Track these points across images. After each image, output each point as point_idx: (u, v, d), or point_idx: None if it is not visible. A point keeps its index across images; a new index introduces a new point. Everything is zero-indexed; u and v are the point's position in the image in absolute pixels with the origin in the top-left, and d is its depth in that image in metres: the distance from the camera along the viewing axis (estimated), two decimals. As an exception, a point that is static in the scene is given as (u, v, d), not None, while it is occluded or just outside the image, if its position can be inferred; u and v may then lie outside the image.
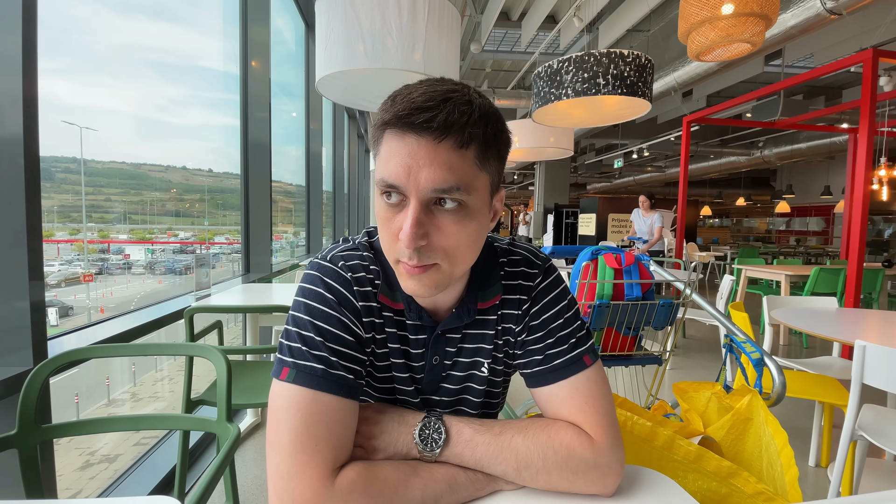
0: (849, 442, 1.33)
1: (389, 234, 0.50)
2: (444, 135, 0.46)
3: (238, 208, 3.11)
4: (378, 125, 0.50)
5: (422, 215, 0.48)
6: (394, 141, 0.48)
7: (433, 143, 0.47)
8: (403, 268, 0.51)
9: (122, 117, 2.76)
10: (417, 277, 0.50)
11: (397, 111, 0.47)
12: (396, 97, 0.49)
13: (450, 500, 0.51)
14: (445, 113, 0.46)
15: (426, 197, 0.48)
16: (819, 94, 8.42)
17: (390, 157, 0.48)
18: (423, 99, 0.47)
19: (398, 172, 0.47)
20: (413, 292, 0.52)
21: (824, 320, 1.84)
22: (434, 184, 0.47)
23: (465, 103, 0.48)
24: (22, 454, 0.84)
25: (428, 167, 0.46)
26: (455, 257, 0.51)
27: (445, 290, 0.56)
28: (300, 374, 0.50)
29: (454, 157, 0.47)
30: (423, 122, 0.46)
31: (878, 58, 3.13)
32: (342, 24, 1.52)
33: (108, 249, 5.25)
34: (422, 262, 0.49)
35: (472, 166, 0.49)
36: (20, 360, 1.02)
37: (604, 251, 1.34)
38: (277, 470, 0.47)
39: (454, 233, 0.49)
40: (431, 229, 0.49)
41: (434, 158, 0.46)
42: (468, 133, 0.47)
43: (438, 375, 0.62)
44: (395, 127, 0.48)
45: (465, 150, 0.48)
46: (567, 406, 0.56)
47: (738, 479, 0.69)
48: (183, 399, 1.42)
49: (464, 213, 0.49)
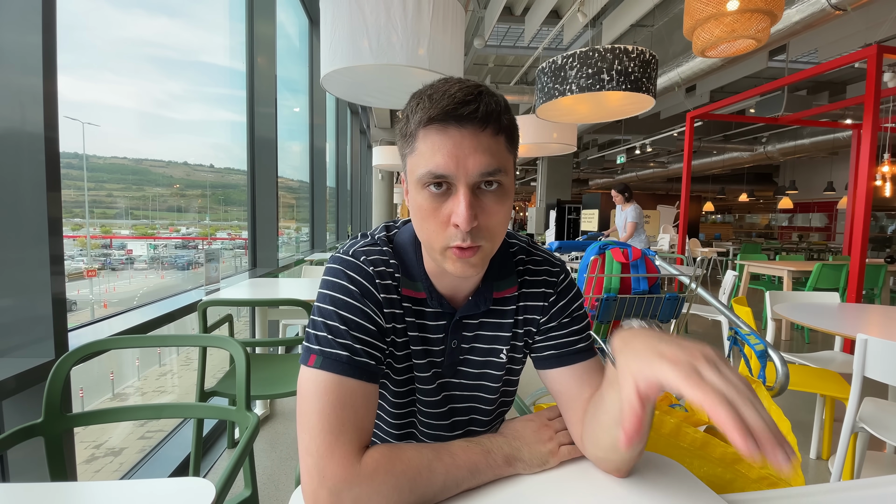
0: (850, 433, 1.36)
1: (437, 223, 0.54)
2: (485, 124, 0.52)
3: (240, 204, 3.13)
4: (419, 123, 0.53)
5: (472, 198, 0.52)
6: (434, 136, 0.52)
7: (476, 132, 0.51)
8: (454, 252, 0.54)
9: (124, 113, 2.77)
10: (467, 259, 0.54)
11: (443, 107, 0.50)
12: (431, 96, 0.52)
13: (470, 484, 0.54)
14: (484, 104, 0.51)
15: (473, 181, 0.52)
16: (823, 89, 8.39)
17: (435, 151, 0.52)
18: (463, 94, 0.51)
19: (447, 163, 0.51)
20: (461, 273, 0.56)
21: (826, 315, 1.85)
22: (481, 168, 0.51)
23: (493, 95, 0.53)
24: (48, 441, 0.87)
25: (474, 154, 0.51)
26: (495, 235, 0.56)
27: (466, 279, 0.60)
28: (326, 361, 0.53)
29: (493, 143, 0.52)
30: (469, 114, 0.50)
31: (882, 54, 3.12)
32: (347, 20, 1.52)
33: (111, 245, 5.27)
34: (474, 242, 0.53)
35: (504, 150, 0.54)
36: (42, 351, 1.05)
37: (611, 246, 1.36)
38: (307, 449, 0.50)
39: (496, 211, 0.54)
40: (479, 211, 0.53)
41: (478, 146, 0.51)
42: (503, 121, 0.53)
43: (456, 359, 0.66)
44: (438, 122, 0.51)
45: (499, 136, 0.53)
46: (592, 384, 0.62)
47: (743, 465, 0.72)
48: (197, 390, 1.45)
49: (502, 193, 0.54)
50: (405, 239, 0.64)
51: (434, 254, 0.56)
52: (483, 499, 0.53)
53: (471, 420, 0.69)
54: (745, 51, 2.39)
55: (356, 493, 0.48)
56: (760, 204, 17.59)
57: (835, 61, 3.49)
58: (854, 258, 3.23)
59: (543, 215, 10.65)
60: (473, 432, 0.69)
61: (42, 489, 0.61)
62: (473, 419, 0.69)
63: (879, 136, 3.41)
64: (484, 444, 0.57)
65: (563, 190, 10.66)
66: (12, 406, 1.06)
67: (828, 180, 11.56)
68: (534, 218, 11.17)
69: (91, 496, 0.60)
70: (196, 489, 0.56)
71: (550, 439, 0.60)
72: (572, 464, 0.60)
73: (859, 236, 3.20)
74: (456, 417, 0.68)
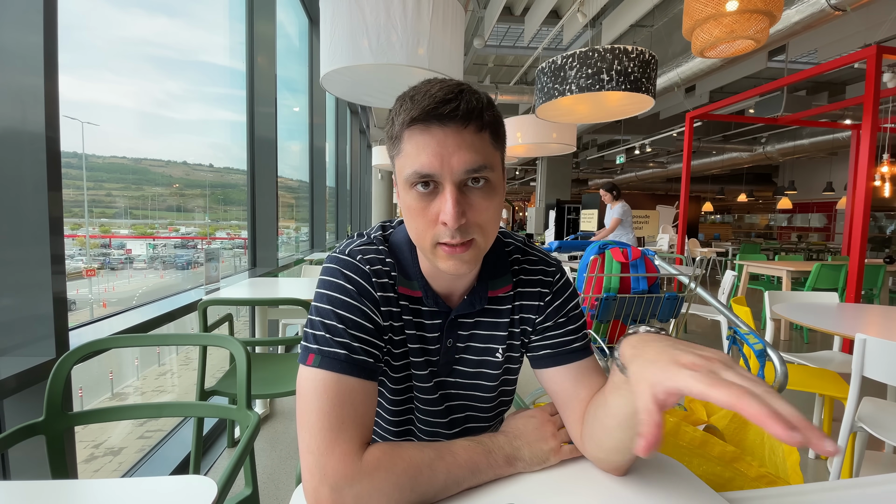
0: (849, 433, 1.36)
1: (426, 222, 0.54)
2: (467, 121, 0.52)
3: (239, 203, 3.13)
4: (402, 124, 0.53)
5: (458, 196, 0.52)
6: (418, 136, 0.52)
7: (459, 130, 0.52)
8: (443, 250, 0.55)
9: (124, 112, 2.76)
10: (458, 256, 0.55)
11: (424, 107, 0.51)
12: (413, 97, 0.53)
13: (471, 483, 0.54)
14: (465, 102, 0.52)
15: (459, 179, 0.53)
16: (822, 90, 8.39)
17: (419, 151, 0.52)
18: (444, 93, 0.52)
19: (431, 162, 0.51)
20: (454, 271, 0.56)
21: (825, 315, 1.86)
22: (466, 165, 0.52)
23: (475, 93, 0.54)
24: (49, 440, 0.87)
25: (458, 152, 0.52)
26: (487, 230, 0.56)
27: (460, 277, 0.61)
28: (325, 360, 0.53)
29: (476, 139, 0.53)
30: (450, 112, 0.51)
31: (881, 54, 3.13)
32: (346, 20, 1.52)
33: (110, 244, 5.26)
34: (463, 238, 0.54)
35: (489, 146, 0.55)
36: (43, 349, 1.06)
37: (611, 245, 1.37)
38: (308, 447, 0.50)
39: (485, 207, 0.55)
40: (466, 207, 0.53)
41: (461, 143, 0.52)
42: (485, 117, 0.54)
43: (452, 357, 0.66)
44: (421, 122, 0.52)
45: (483, 132, 0.54)
46: (588, 383, 0.62)
47: (742, 464, 0.72)
48: (197, 389, 1.45)
49: (490, 189, 0.55)
50: (401, 238, 0.64)
51: (425, 252, 0.57)
52: (484, 497, 0.53)
53: (468, 418, 0.69)
54: (744, 51, 2.39)
55: (357, 489, 0.48)
56: (760, 204, 17.60)
57: (834, 62, 3.50)
58: (853, 258, 3.24)
59: (543, 215, 10.65)
60: (471, 430, 0.70)
61: (44, 487, 0.61)
62: (471, 416, 0.70)
63: (879, 136, 3.41)
64: (485, 443, 0.57)
65: (562, 190, 10.66)
66: (13, 405, 1.06)
67: (827, 180, 11.58)
68: (533, 218, 11.17)
69: (93, 494, 0.61)
70: (198, 486, 0.56)
71: (553, 436, 0.60)
72: (572, 462, 0.60)
73: (858, 236, 3.21)
74: (453, 415, 0.69)
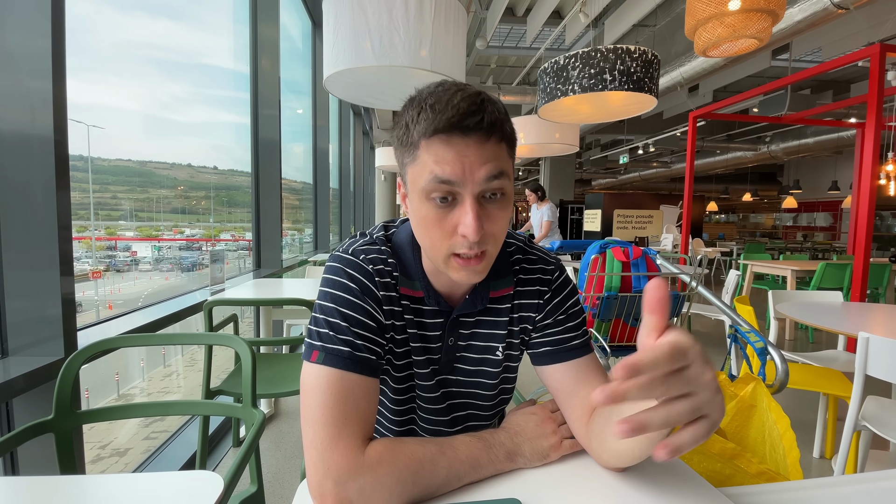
0: (852, 431, 1.36)
1: (442, 233, 0.54)
2: (490, 134, 0.52)
3: (244, 205, 3.15)
4: (422, 133, 0.52)
5: (478, 208, 0.53)
6: (438, 146, 0.52)
7: (481, 142, 0.52)
8: (457, 262, 0.55)
9: (128, 115, 2.78)
10: (472, 267, 0.55)
11: (448, 118, 0.51)
12: (434, 105, 0.52)
13: (472, 478, 0.55)
14: (489, 114, 0.52)
15: (479, 190, 0.53)
16: (827, 88, 8.34)
17: (440, 161, 0.52)
18: (467, 104, 0.51)
19: (454, 173, 0.51)
20: (467, 281, 0.57)
21: (829, 314, 1.85)
22: (488, 178, 0.52)
23: (494, 103, 0.54)
24: (58, 437, 0.88)
25: (481, 164, 0.52)
26: (499, 240, 0.57)
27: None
28: (329, 356, 0.54)
29: (497, 151, 0.53)
30: (475, 125, 0.51)
31: (885, 52, 3.12)
32: (349, 22, 1.53)
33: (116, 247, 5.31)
34: (480, 249, 0.54)
35: (506, 157, 0.55)
36: (52, 349, 1.07)
37: (612, 245, 1.37)
38: (312, 441, 0.51)
39: (500, 218, 0.55)
40: (484, 220, 0.54)
41: (483, 155, 0.52)
42: (506, 129, 0.54)
43: (454, 356, 0.67)
44: (443, 133, 0.51)
45: (502, 143, 0.54)
46: (589, 381, 0.63)
47: (742, 461, 0.72)
48: (202, 388, 1.46)
49: (505, 200, 0.55)
50: (403, 238, 0.65)
51: (437, 262, 0.57)
52: (484, 492, 0.54)
53: (469, 415, 0.70)
54: (747, 50, 2.39)
55: (360, 483, 0.49)
56: (764, 203, 17.51)
57: (838, 60, 3.48)
58: (858, 257, 3.22)
59: (546, 215, 10.63)
60: (473, 426, 0.71)
61: (54, 482, 0.62)
62: (472, 414, 0.70)
63: (883, 134, 3.40)
64: (486, 439, 0.58)
65: (565, 190, 10.65)
66: (22, 404, 1.08)
67: (832, 179, 11.49)
68: (536, 218, 11.15)
69: (101, 489, 0.62)
70: (204, 482, 0.57)
71: (553, 433, 0.61)
72: (572, 458, 0.61)
73: (863, 235, 3.19)
74: (455, 412, 0.69)
